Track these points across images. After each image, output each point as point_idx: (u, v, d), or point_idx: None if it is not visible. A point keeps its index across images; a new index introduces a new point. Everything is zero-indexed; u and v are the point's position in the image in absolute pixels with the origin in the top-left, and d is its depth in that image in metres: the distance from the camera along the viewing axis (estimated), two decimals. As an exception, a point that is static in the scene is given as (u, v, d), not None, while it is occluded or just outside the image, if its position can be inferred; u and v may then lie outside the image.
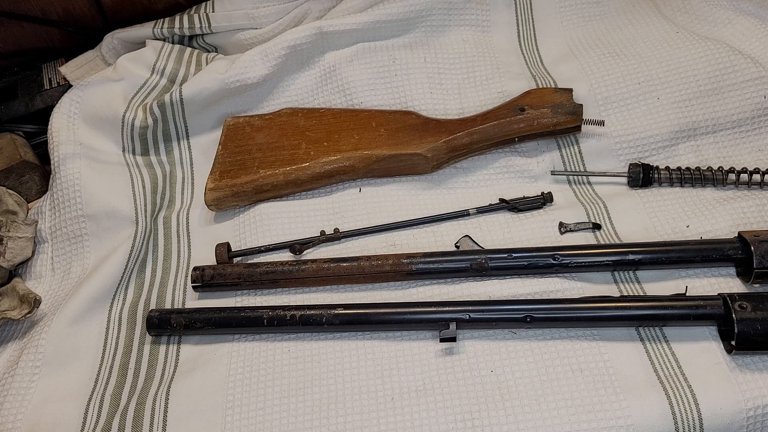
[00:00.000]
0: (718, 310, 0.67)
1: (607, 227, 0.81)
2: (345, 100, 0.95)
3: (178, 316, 0.75)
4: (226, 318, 0.74)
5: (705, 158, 0.86)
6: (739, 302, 0.66)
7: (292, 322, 0.72)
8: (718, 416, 0.63)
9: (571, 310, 0.69)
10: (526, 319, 0.69)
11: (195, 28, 1.02)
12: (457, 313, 0.70)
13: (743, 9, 0.96)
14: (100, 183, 0.88)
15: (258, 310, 0.73)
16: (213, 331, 0.74)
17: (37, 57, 1.06)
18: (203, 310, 0.75)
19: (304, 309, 0.73)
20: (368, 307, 0.73)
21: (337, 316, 0.72)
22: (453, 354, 0.70)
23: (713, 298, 0.69)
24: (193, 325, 0.74)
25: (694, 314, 0.68)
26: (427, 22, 0.99)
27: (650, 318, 0.69)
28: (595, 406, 0.64)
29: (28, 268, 0.86)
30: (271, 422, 0.67)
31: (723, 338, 0.68)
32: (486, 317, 0.70)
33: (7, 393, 0.72)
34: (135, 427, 0.68)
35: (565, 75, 0.94)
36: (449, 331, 0.69)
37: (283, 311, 0.73)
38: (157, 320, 0.75)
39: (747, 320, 0.65)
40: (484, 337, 0.71)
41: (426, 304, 0.72)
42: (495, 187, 0.87)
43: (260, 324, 0.73)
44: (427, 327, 0.72)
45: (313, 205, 0.87)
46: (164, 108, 0.94)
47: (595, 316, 0.69)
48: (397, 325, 0.72)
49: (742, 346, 0.65)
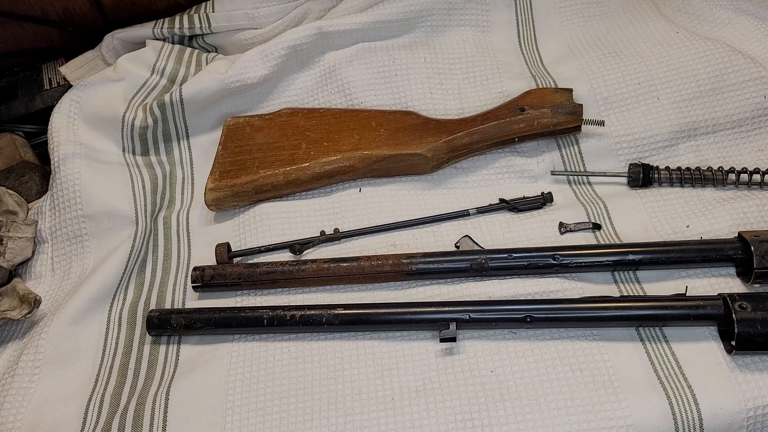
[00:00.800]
0: (718, 311, 0.67)
1: (607, 227, 0.81)
2: (345, 100, 0.95)
3: (178, 316, 0.75)
4: (226, 318, 0.74)
5: (705, 158, 0.86)
6: (740, 302, 0.66)
7: (292, 322, 0.72)
8: (718, 416, 0.63)
9: (571, 310, 0.69)
10: (526, 319, 0.69)
11: (195, 28, 1.02)
12: (457, 313, 0.70)
13: (743, 9, 0.96)
14: (100, 183, 0.88)
15: (258, 311, 0.73)
16: (213, 331, 0.74)
17: (37, 57, 1.06)
18: (203, 310, 0.75)
19: (304, 309, 0.73)
20: (368, 307, 0.73)
21: (337, 316, 0.72)
22: (453, 354, 0.70)
23: (713, 298, 0.68)
24: (193, 326, 0.74)
25: (695, 314, 0.68)
26: (427, 22, 0.99)
27: (650, 318, 0.69)
28: (595, 406, 0.64)
29: (28, 268, 0.86)
30: (271, 422, 0.67)
31: (723, 338, 0.68)
32: (486, 317, 0.70)
33: (7, 393, 0.72)
34: (135, 427, 0.68)
35: (565, 75, 0.94)
36: (449, 331, 0.69)
37: (283, 311, 0.73)
38: (157, 320, 0.75)
39: (747, 320, 0.65)
40: (484, 337, 0.71)
41: (426, 304, 0.72)
42: (495, 187, 0.87)
43: (260, 324, 0.73)
44: (427, 327, 0.72)
45: (313, 205, 0.87)
46: (164, 108, 0.94)
47: (595, 317, 0.69)
48: (397, 325, 0.72)
49: (742, 347, 0.65)
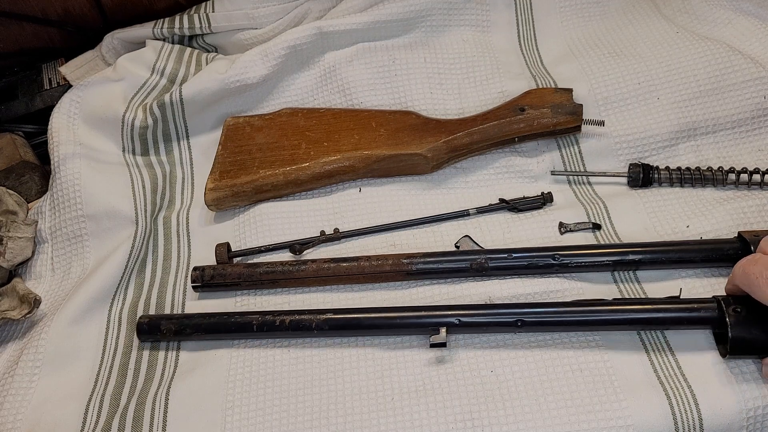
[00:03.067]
0: (712, 314, 0.66)
1: (607, 227, 0.81)
2: (345, 100, 0.95)
3: (168, 322, 0.73)
4: (216, 323, 0.73)
5: (705, 158, 0.86)
6: (734, 306, 0.64)
7: (281, 327, 0.71)
8: (718, 416, 0.63)
9: (563, 314, 0.68)
10: (517, 323, 0.68)
11: (195, 28, 1.02)
12: (446, 317, 0.69)
13: (743, 9, 0.96)
14: (100, 183, 0.88)
15: (248, 316, 0.73)
16: (203, 336, 0.73)
17: (37, 57, 1.06)
18: (193, 316, 0.74)
19: (294, 314, 0.72)
20: (358, 312, 0.72)
21: (326, 321, 0.71)
22: (453, 354, 0.70)
23: (707, 300, 0.67)
24: (183, 331, 0.73)
25: (688, 318, 0.66)
26: (427, 22, 0.99)
27: (643, 322, 0.67)
28: (595, 406, 0.64)
29: (28, 268, 0.86)
30: (271, 422, 0.67)
31: (718, 341, 0.67)
32: (476, 321, 0.69)
33: (7, 393, 0.72)
34: (135, 427, 0.68)
35: (565, 75, 0.94)
36: (439, 336, 0.68)
37: (273, 316, 0.72)
38: (147, 326, 0.74)
39: (741, 324, 0.63)
40: (484, 337, 0.71)
41: (416, 308, 0.71)
42: (495, 187, 0.87)
43: (250, 329, 0.72)
44: (417, 332, 0.70)
45: (313, 205, 0.87)
46: (164, 108, 0.94)
47: (587, 320, 0.68)
48: (388, 329, 0.71)
49: (736, 351, 0.63)
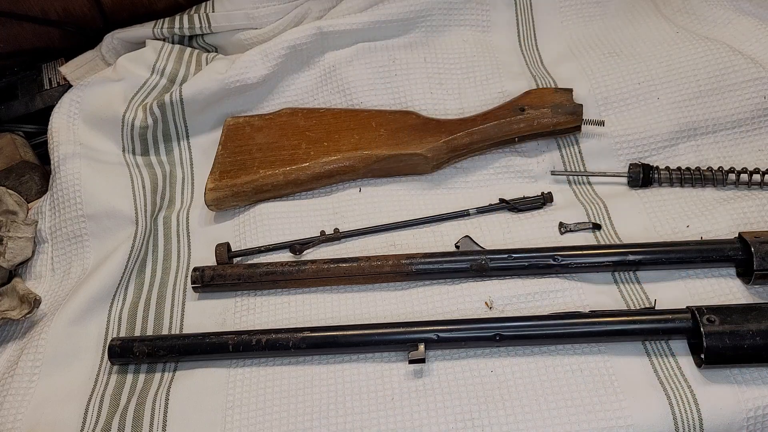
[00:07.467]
0: (687, 324, 0.66)
1: (607, 227, 0.81)
2: (345, 100, 0.95)
3: (140, 344, 0.72)
4: (190, 345, 0.71)
5: (705, 158, 0.86)
6: (707, 315, 0.64)
7: (258, 347, 0.70)
8: (718, 417, 0.63)
9: (540, 327, 0.68)
10: (495, 337, 0.68)
11: (195, 28, 1.02)
12: (425, 333, 0.68)
13: (743, 9, 0.96)
14: (100, 183, 0.88)
15: (223, 336, 0.71)
16: (178, 358, 0.72)
17: (37, 57, 1.06)
18: (167, 338, 0.73)
19: (270, 333, 0.71)
20: (335, 329, 0.71)
21: (303, 340, 0.70)
22: (453, 354, 0.70)
23: (681, 311, 0.67)
24: (156, 353, 0.71)
25: (663, 328, 0.66)
26: (427, 22, 0.99)
27: (618, 333, 0.67)
28: (595, 406, 0.64)
29: (28, 268, 0.86)
30: (271, 422, 0.67)
31: (693, 351, 0.67)
32: (454, 336, 0.68)
33: (7, 393, 0.72)
34: (135, 427, 0.68)
35: (565, 75, 0.94)
36: (418, 352, 0.67)
37: (249, 336, 0.71)
38: (119, 349, 0.72)
39: (715, 334, 0.63)
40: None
41: (393, 324, 0.70)
42: (495, 187, 0.87)
43: (226, 350, 0.71)
44: (395, 348, 0.70)
45: (313, 205, 0.87)
46: (164, 108, 0.94)
47: (563, 333, 0.68)
48: (366, 347, 0.70)
49: (711, 360, 0.63)
